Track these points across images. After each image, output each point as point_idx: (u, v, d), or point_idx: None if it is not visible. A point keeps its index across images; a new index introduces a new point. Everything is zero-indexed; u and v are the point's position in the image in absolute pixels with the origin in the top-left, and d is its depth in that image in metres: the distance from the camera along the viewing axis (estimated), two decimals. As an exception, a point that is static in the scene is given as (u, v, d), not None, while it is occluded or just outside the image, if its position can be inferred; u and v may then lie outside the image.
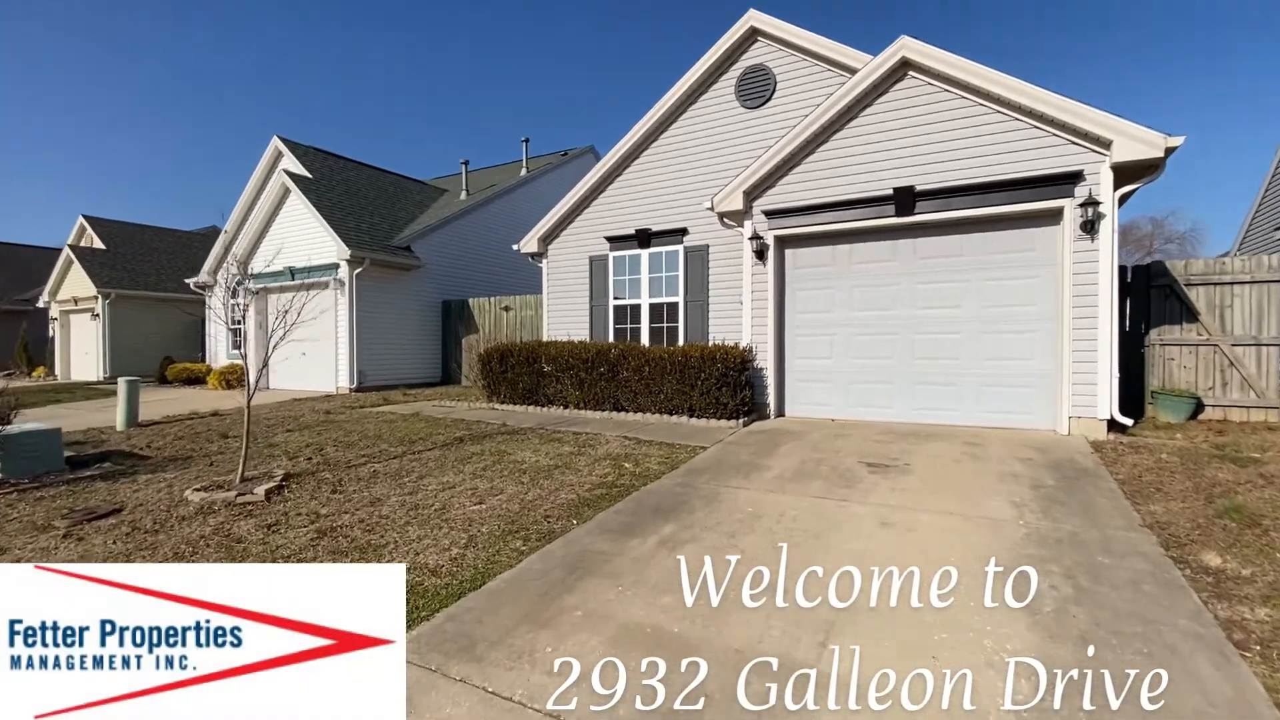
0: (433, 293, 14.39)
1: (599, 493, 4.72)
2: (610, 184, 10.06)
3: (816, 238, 7.65)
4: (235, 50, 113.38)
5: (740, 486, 4.74)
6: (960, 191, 6.69)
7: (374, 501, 4.69)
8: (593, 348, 8.29)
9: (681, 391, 7.55)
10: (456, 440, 6.75)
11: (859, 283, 7.44)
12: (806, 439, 6.41)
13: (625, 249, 9.88)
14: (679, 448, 6.18)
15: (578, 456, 5.90)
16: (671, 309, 9.42)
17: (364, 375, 12.65)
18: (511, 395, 9.12)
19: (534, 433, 7.11)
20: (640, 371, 7.85)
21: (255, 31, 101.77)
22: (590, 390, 8.32)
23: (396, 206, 15.54)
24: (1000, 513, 3.99)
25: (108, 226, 22.27)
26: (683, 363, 7.49)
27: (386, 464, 5.83)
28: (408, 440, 6.83)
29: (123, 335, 19.67)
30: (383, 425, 7.77)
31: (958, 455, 5.54)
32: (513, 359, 9.01)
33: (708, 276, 9.06)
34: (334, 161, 15.56)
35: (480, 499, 4.67)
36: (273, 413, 9.22)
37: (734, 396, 7.26)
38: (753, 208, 7.84)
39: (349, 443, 6.78)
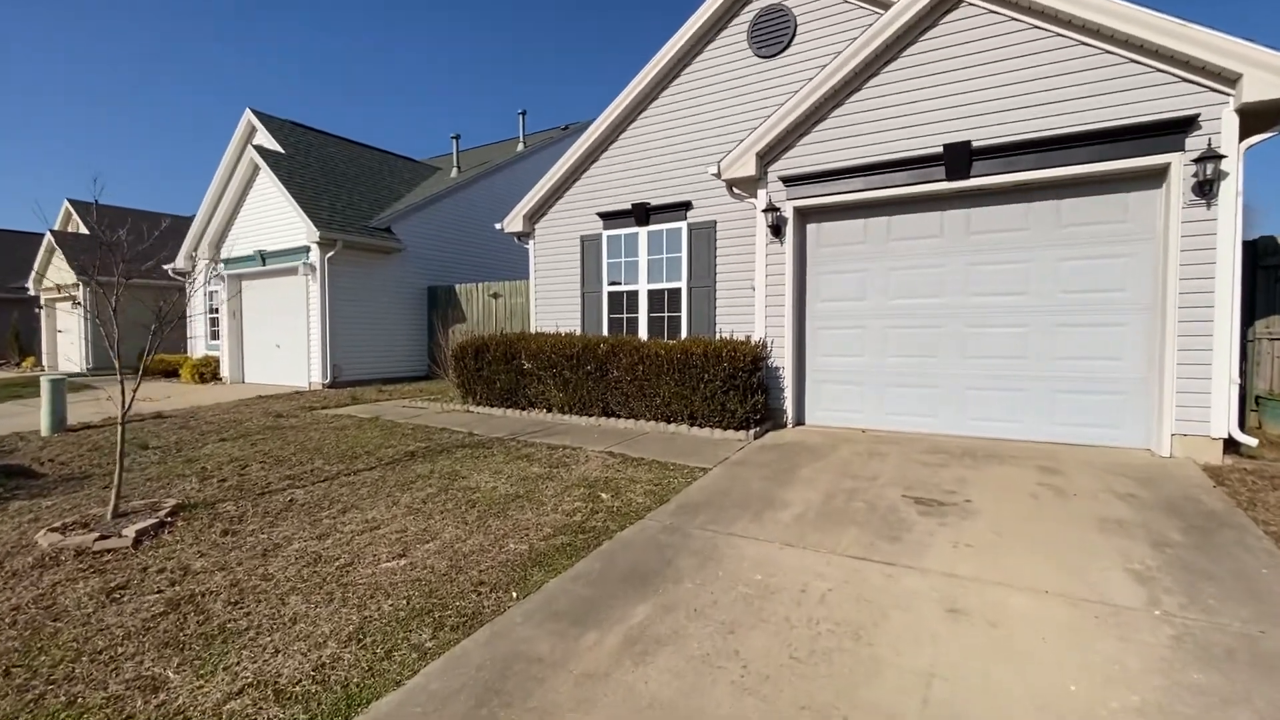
0: (417, 278, 13.33)
1: (560, 541, 3.60)
2: (604, 151, 8.83)
3: (845, 209, 6.38)
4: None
5: (747, 535, 3.58)
6: (1028, 148, 5.38)
7: (269, 550, 3.63)
8: (578, 342, 7.15)
9: (681, 395, 6.39)
10: (407, 456, 5.67)
11: (897, 264, 6.17)
12: (833, 458, 5.21)
13: (621, 227, 8.68)
14: (673, 469, 5.03)
15: (546, 481, 4.79)
16: (673, 296, 8.23)
17: (339, 370, 11.66)
18: (488, 396, 8.03)
19: (503, 445, 6.01)
20: (633, 371, 6.69)
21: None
22: (576, 392, 7.19)
23: (380, 185, 14.46)
24: (1122, 592, 2.79)
25: (92, 211, 21.55)
26: (682, 361, 6.31)
27: (311, 489, 4.77)
28: (351, 455, 5.78)
29: (109, 324, 18.94)
30: (331, 433, 6.73)
31: (1033, 487, 4.31)
32: (489, 355, 7.91)
33: (715, 258, 7.83)
34: (312, 136, 14.49)
35: (403, 549, 3.58)
36: (221, 414, 8.24)
37: (744, 402, 6.08)
38: (767, 174, 6.58)
39: (281, 457, 5.74)
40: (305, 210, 11.21)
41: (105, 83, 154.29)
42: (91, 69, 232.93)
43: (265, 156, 12.00)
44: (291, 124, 14.40)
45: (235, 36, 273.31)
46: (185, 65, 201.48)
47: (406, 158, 17.66)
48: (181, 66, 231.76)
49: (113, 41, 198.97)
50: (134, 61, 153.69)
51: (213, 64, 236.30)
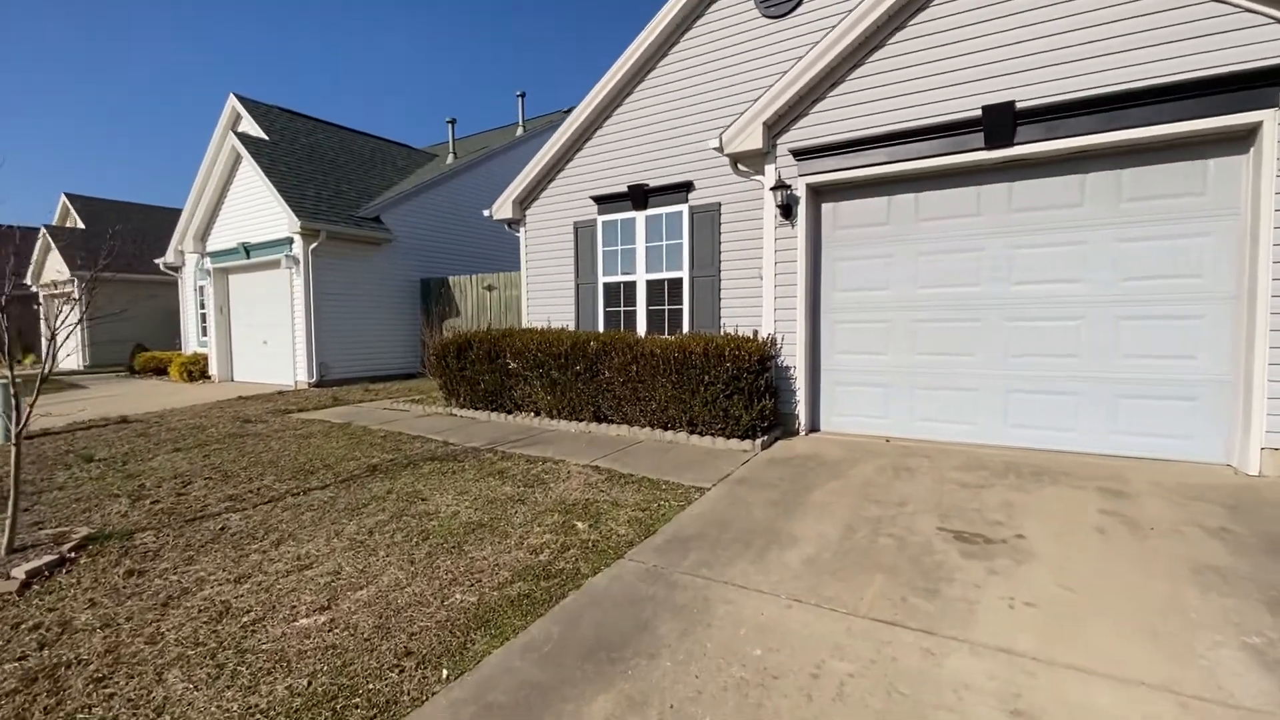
0: (409, 271, 12.76)
1: (517, 590, 2.97)
2: (598, 129, 8.12)
3: (866, 185, 5.63)
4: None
5: (747, 585, 2.92)
6: (1084, 107, 4.58)
7: (172, 599, 3.05)
8: (566, 340, 6.50)
9: (679, 399, 5.71)
10: (368, 471, 5.08)
11: (928, 247, 5.41)
12: (853, 475, 4.51)
13: (616, 211, 7.98)
14: (665, 489, 4.37)
15: (517, 505, 4.16)
16: (674, 287, 7.53)
17: (326, 368, 11.15)
18: (472, 398, 7.42)
19: (477, 457, 5.39)
20: (625, 371, 6.02)
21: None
22: (565, 395, 6.54)
23: (373, 174, 13.88)
24: (1246, 684, 2.08)
25: (90, 204, 21.33)
26: (680, 360, 5.63)
27: (251, 513, 4.20)
28: (308, 469, 5.20)
29: (105, 320, 18.71)
30: (295, 442, 6.17)
31: (1098, 518, 3.58)
32: (472, 354, 7.29)
33: (719, 244, 7.11)
34: (300, 122, 13.94)
35: (330, 599, 2.97)
36: (188, 419, 7.74)
37: (749, 407, 5.38)
38: (776, 146, 5.84)
39: (231, 472, 5.18)
40: (286, 199, 10.65)
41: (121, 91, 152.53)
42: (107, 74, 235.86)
43: (247, 144, 11.46)
44: (279, 110, 13.85)
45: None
46: (216, 55, 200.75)
47: (403, 144, 17.06)
48: (211, 57, 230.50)
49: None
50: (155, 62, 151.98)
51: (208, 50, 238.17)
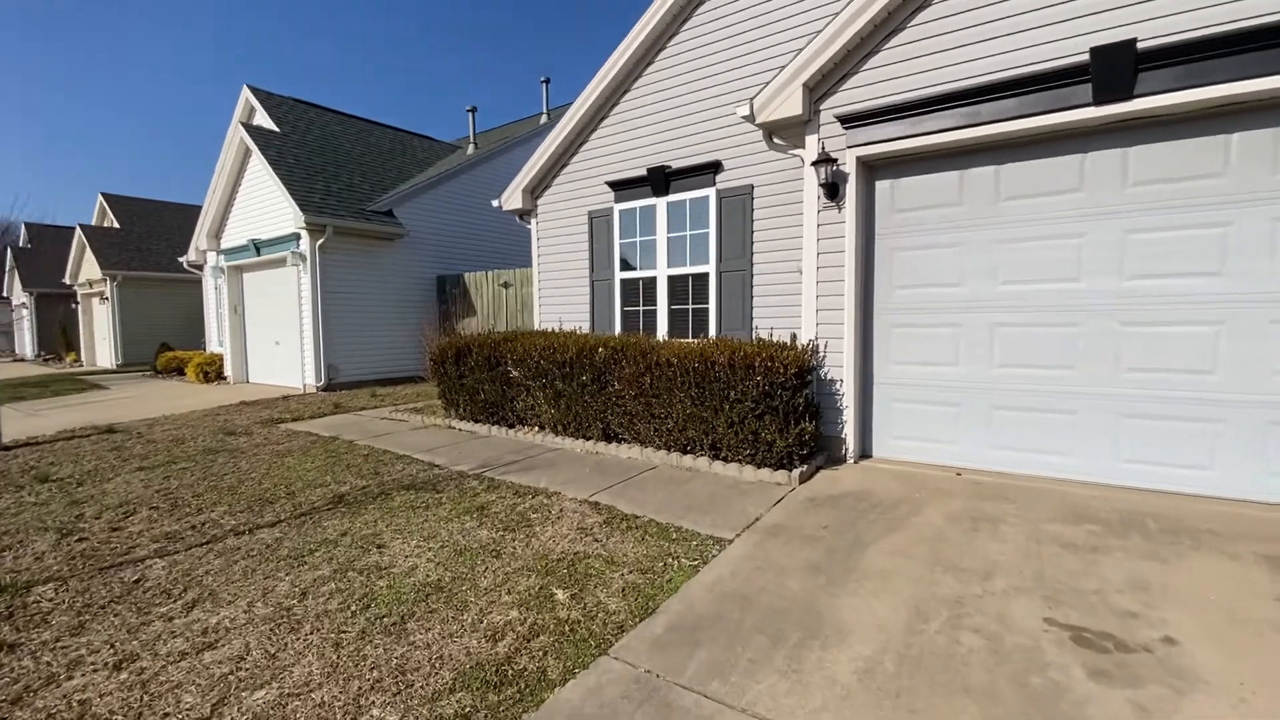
0: (424, 267, 12.21)
1: (454, 708, 2.18)
2: (614, 106, 7.28)
3: (932, 157, 4.62)
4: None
5: (777, 718, 2.05)
6: (1232, 44, 3.49)
7: (25, 695, 2.39)
8: (572, 345, 5.70)
9: (699, 418, 4.84)
10: (332, 502, 4.40)
11: (1012, 233, 4.38)
12: (918, 525, 3.56)
13: (635, 198, 7.13)
14: (676, 540, 3.52)
15: (489, 559, 3.38)
16: (699, 284, 6.64)
17: (335, 371, 10.69)
18: (471, 409, 6.72)
19: (460, 486, 4.64)
20: (638, 383, 5.19)
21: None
22: (570, 408, 5.76)
23: (390, 166, 13.41)
24: None
25: (125, 204, 21.74)
26: (701, 371, 4.76)
27: (178, 560, 3.55)
28: (268, 497, 4.56)
29: (133, 319, 19.03)
30: (267, 462, 5.57)
31: (1275, 608, 2.56)
32: (471, 360, 6.58)
33: (751, 233, 6.19)
34: (314, 114, 13.57)
35: (212, 707, 2.25)
36: (174, 429, 7.28)
37: (785, 430, 4.47)
38: (820, 112, 4.88)
39: (184, 500, 4.58)
40: (292, 192, 10.20)
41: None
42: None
43: (254, 136, 11.08)
44: (293, 101, 13.52)
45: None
46: (248, 52, 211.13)
47: (425, 136, 16.62)
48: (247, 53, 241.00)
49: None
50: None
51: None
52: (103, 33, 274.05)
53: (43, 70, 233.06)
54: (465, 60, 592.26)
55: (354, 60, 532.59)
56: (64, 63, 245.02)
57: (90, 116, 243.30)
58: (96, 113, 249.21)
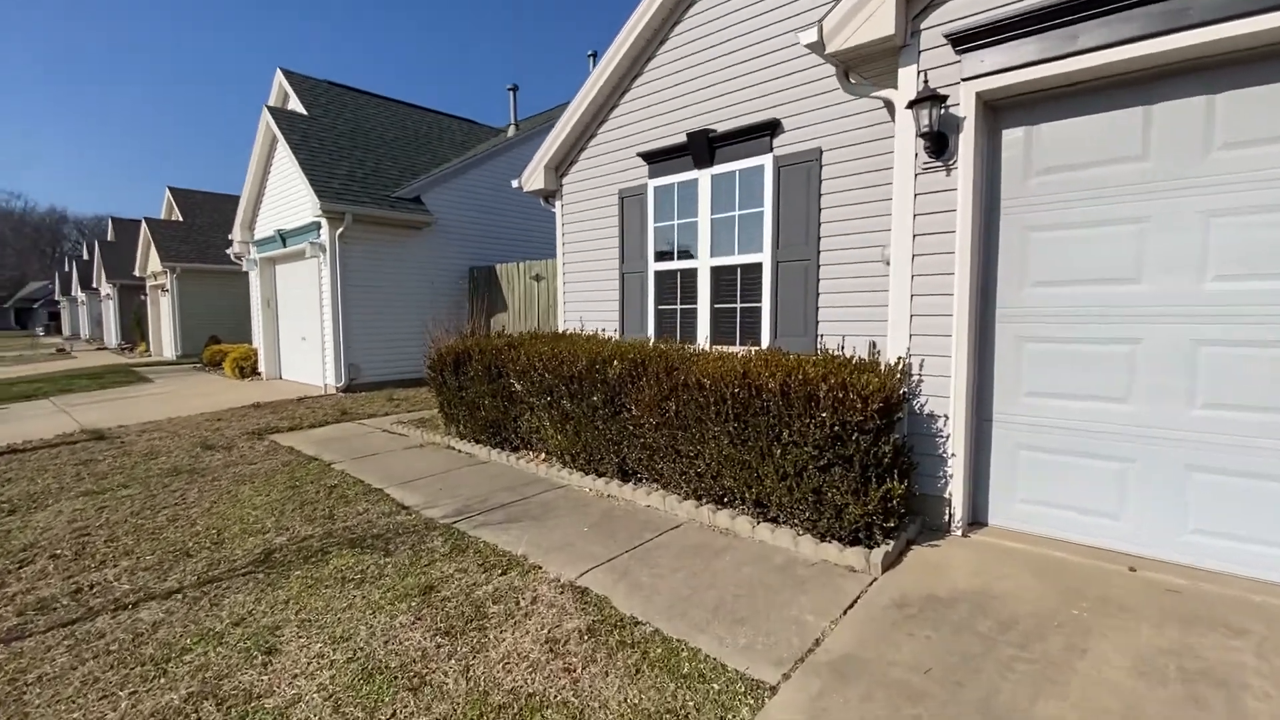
0: (455, 259, 11.40)
1: None
2: (649, 60, 6.05)
3: (1097, 87, 3.13)
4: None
5: None
6: None
7: None
8: (582, 356, 4.54)
9: (740, 461, 3.58)
10: (256, 562, 3.45)
11: (1232, 201, 2.84)
12: (1093, 683, 2.18)
13: (673, 171, 5.89)
14: (690, 677, 2.30)
15: (405, 695, 2.28)
16: (750, 277, 5.33)
17: (356, 370, 10.05)
18: (471, 427, 5.71)
19: (420, 545, 3.59)
20: (659, 409, 3.97)
21: None
22: (580, 434, 4.61)
23: (425, 151, 12.71)
24: None
25: (188, 197, 22.44)
26: (743, 399, 3.49)
27: (27, 645, 2.67)
28: (185, 550, 3.67)
29: (191, 311, 19.49)
30: (219, 491, 4.73)
31: None
32: (470, 369, 5.56)
33: (818, 211, 4.82)
34: (348, 97, 13.04)
35: None
36: (158, 438, 6.67)
37: (863, 490, 3.14)
38: (921, 32, 3.46)
39: (92, 547, 3.76)
40: (310, 178, 9.57)
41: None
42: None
43: (278, 119, 10.56)
44: (327, 84, 13.05)
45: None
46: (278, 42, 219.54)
47: (466, 120, 15.92)
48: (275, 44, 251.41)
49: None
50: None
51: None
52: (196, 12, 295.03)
53: (130, 60, 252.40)
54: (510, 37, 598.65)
55: (396, 40, 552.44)
56: (149, 50, 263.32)
57: (171, 101, 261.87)
58: (177, 98, 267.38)
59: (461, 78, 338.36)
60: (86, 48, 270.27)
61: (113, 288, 25.99)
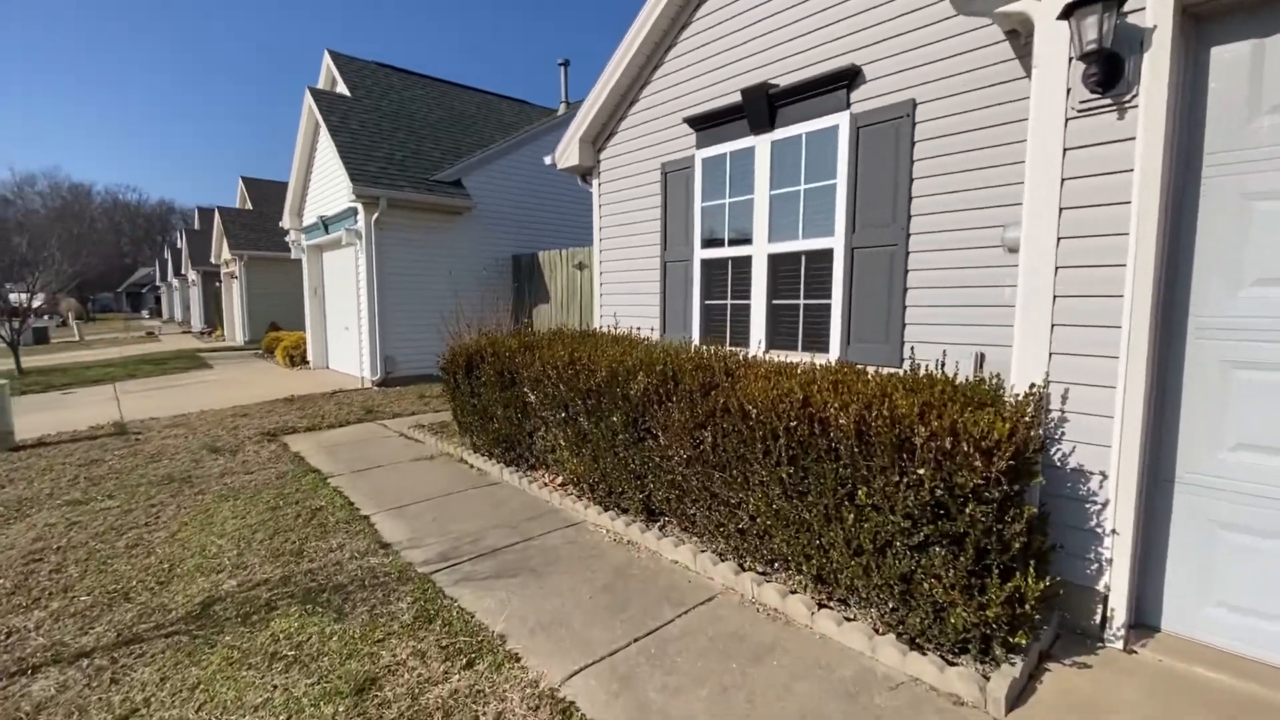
0: (498, 245, 10.83)
1: None
2: (698, 8, 5.08)
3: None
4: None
5: None
6: None
7: None
8: (602, 364, 3.71)
9: (797, 520, 2.65)
10: (190, 617, 2.85)
11: None
12: None
13: (725, 139, 4.92)
14: None
15: None
16: (817, 266, 4.32)
17: (392, 363, 9.67)
18: (485, 439, 5.01)
19: (381, 608, 2.88)
20: (690, 438, 3.09)
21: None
22: (598, 460, 3.80)
23: (470, 132, 12.19)
24: None
25: (258, 186, 23.22)
26: (803, 435, 2.56)
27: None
28: (130, 589, 3.14)
29: (258, 297, 20.12)
30: (197, 509, 4.24)
31: None
32: (482, 373, 4.86)
33: (909, 181, 3.75)
34: (394, 78, 12.68)
35: None
36: (171, 436, 6.37)
37: (978, 585, 2.16)
38: (1085, -94, 2.38)
39: (34, 580, 3.31)
40: (346, 162, 9.19)
41: None
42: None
43: (319, 101, 10.25)
44: (374, 65, 12.73)
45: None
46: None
47: (516, 100, 15.34)
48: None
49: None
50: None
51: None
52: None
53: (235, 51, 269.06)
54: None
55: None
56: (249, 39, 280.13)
57: (262, 84, 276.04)
58: (266, 79, 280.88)
59: (523, 57, 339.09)
60: (222, 46, 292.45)
61: (197, 274, 27.48)
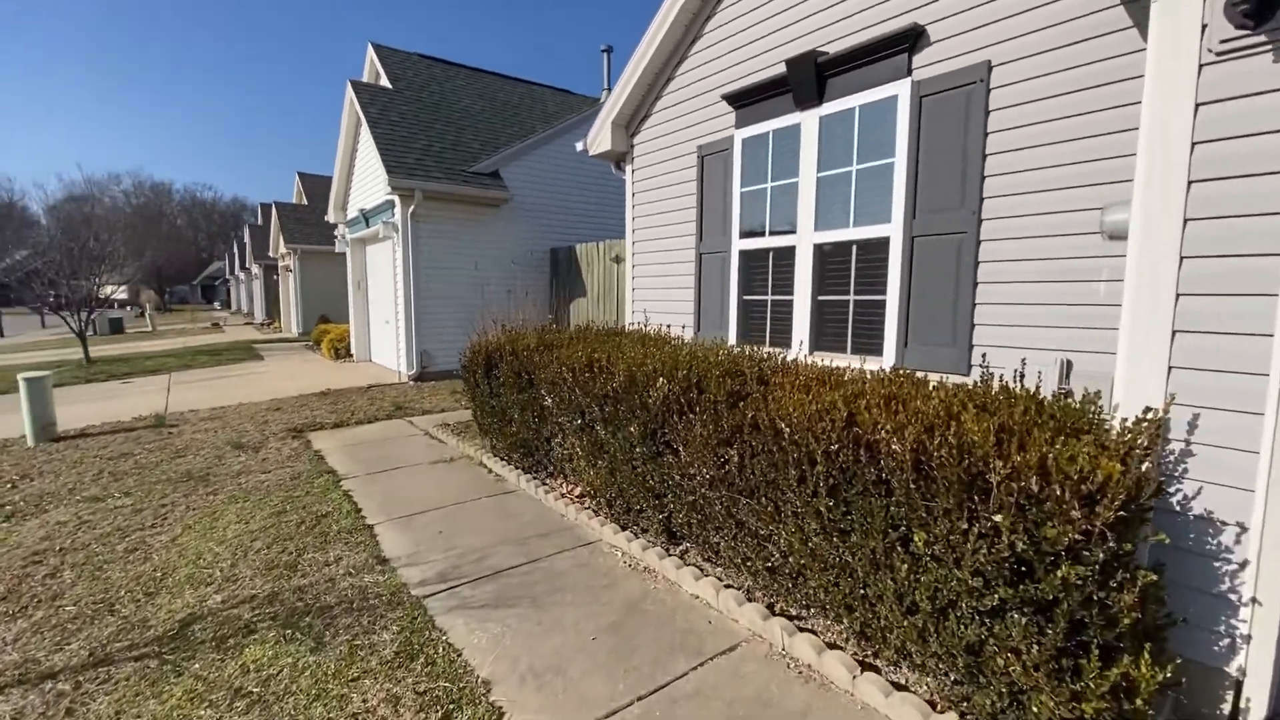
0: (536, 238, 10.62)
1: None
2: (741, -31, 4.62)
3: None
4: None
5: None
6: None
7: None
8: (620, 367, 3.34)
9: (838, 562, 2.22)
10: (160, 642, 2.66)
11: None
12: None
13: (767, 116, 4.45)
14: None
15: None
16: (870, 258, 3.81)
17: (428, 358, 9.60)
18: (504, 443, 4.73)
19: (374, 631, 2.61)
20: (715, 456, 2.69)
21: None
22: (615, 473, 3.44)
23: (511, 123, 12.02)
24: None
25: (312, 182, 23.86)
26: (847, 461, 2.12)
27: None
28: (112, 604, 2.99)
29: (310, 290, 20.71)
30: (204, 511, 4.12)
31: None
32: (500, 373, 4.57)
33: (981, 157, 3.21)
34: (436, 69, 12.62)
35: None
36: (202, 430, 6.39)
37: (1069, 657, 1.68)
38: None
39: (26, 585, 3.22)
40: (383, 154, 9.13)
41: None
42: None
43: (359, 93, 10.26)
44: (417, 57, 12.71)
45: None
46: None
47: (560, 89, 15.09)
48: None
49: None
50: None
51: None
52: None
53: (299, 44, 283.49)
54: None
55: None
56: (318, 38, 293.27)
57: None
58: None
59: (567, 47, 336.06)
60: (315, 47, 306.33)
61: (259, 268, 28.68)
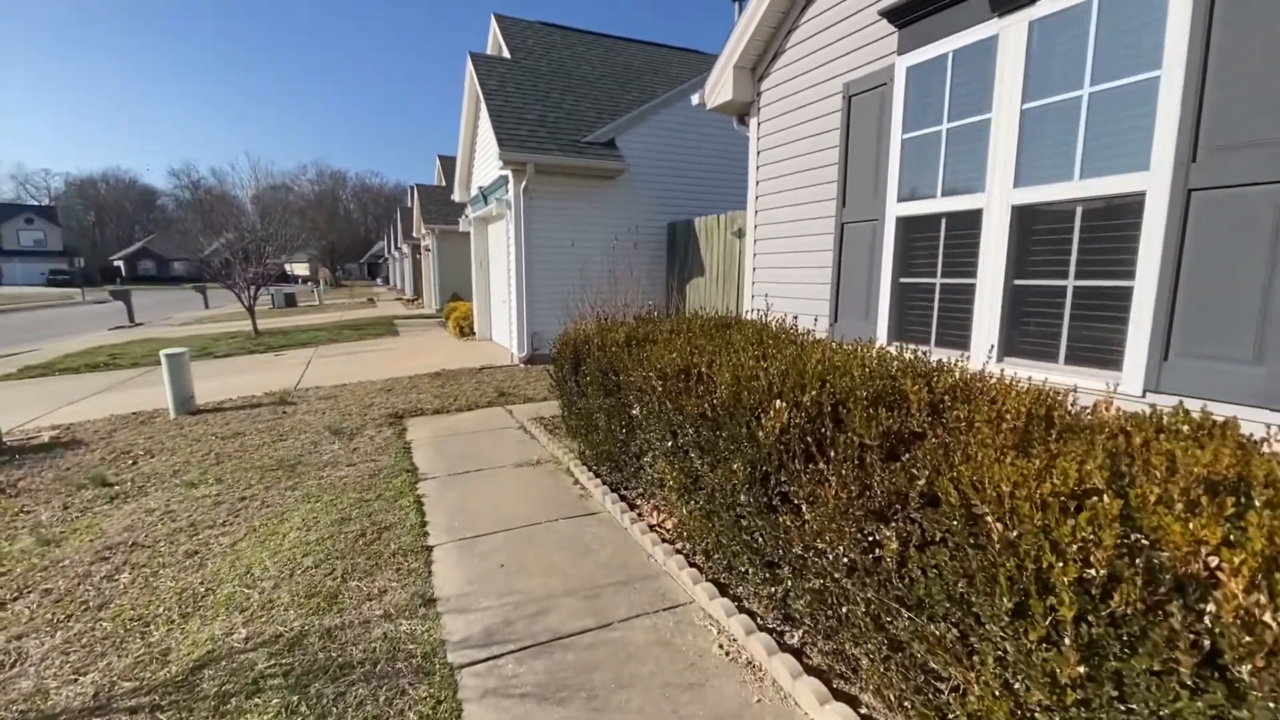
0: (653, 211, 9.86)
1: None
2: None
3: None
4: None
5: None
6: None
7: None
8: (725, 375, 2.48)
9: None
10: (163, 690, 2.30)
11: None
12: None
13: (944, 32, 3.26)
14: None
15: None
16: (1109, 225, 2.57)
17: (539, 340, 9.29)
18: (591, 451, 4.06)
19: (386, 714, 2.06)
20: (860, 531, 1.75)
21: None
22: (714, 519, 2.60)
23: (631, 88, 11.30)
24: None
25: (449, 163, 25.04)
26: (1133, 600, 1.12)
27: None
28: (150, 621, 2.73)
29: (447, 269, 21.79)
30: (279, 511, 3.89)
31: None
32: (587, 370, 3.88)
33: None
34: (557, 37, 12.18)
35: None
36: (315, 410, 6.44)
37: None
38: None
39: (76, 592, 3.08)
40: (496, 127, 8.82)
41: None
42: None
43: (477, 65, 10.05)
44: (539, 25, 12.37)
45: None
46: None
47: (689, 50, 14.08)
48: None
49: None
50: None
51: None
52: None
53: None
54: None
55: None
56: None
57: None
58: None
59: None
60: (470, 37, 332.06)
61: (408, 247, 31.02)
